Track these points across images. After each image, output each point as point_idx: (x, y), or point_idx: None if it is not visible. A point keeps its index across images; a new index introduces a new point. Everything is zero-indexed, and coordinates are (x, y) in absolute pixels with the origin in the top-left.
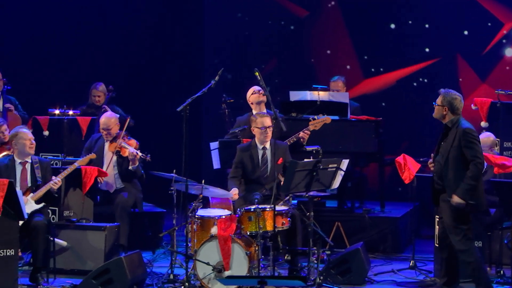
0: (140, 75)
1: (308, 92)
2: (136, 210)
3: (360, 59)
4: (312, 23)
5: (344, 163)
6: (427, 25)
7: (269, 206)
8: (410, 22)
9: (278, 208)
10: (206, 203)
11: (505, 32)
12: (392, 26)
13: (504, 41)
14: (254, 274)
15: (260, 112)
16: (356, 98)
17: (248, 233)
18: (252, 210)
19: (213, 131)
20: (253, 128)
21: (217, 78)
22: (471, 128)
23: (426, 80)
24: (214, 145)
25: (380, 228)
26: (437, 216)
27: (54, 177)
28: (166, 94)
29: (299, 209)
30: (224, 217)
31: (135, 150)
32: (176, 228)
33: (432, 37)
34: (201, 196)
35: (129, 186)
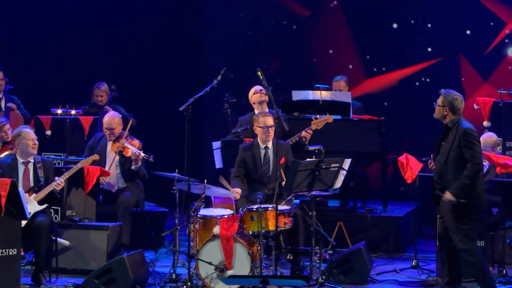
0: (142, 74)
1: (311, 92)
2: (138, 209)
3: (363, 58)
4: (314, 23)
5: (346, 163)
6: (429, 25)
7: (271, 206)
8: (412, 21)
9: (280, 207)
10: (208, 202)
11: (508, 32)
12: (394, 25)
13: (507, 41)
14: (256, 273)
15: (262, 112)
16: (359, 98)
17: (251, 233)
18: (254, 209)
19: (215, 130)
20: (255, 127)
21: (219, 77)
22: (471, 128)
23: (428, 80)
24: (216, 144)
25: (382, 227)
26: (438, 216)
27: (57, 178)
28: (168, 94)
29: (301, 209)
30: (226, 216)
31: (138, 151)
32: (179, 228)
33: (434, 36)
34: (203, 195)
35: (132, 186)
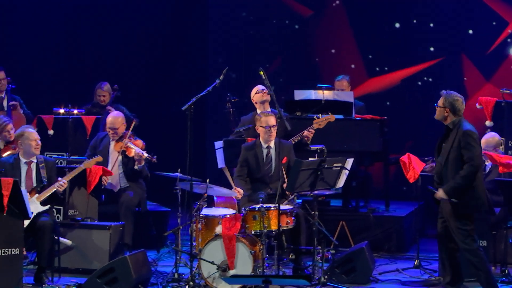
0: (144, 74)
1: (313, 91)
2: (140, 209)
3: (365, 58)
4: (316, 22)
5: (349, 162)
6: (431, 24)
7: (273, 205)
8: (414, 21)
9: (282, 207)
10: (210, 202)
11: (510, 31)
12: (397, 25)
13: (509, 40)
14: (258, 273)
15: (265, 111)
16: (361, 97)
17: (253, 232)
18: (256, 209)
19: (217, 130)
20: (257, 127)
21: (221, 77)
22: (471, 130)
23: (430, 79)
24: (218, 144)
25: (384, 227)
26: (439, 216)
27: (60, 179)
28: (171, 93)
29: (304, 208)
30: (228, 216)
31: (141, 151)
32: (181, 227)
33: (437, 36)
34: (206, 195)
35: (134, 186)
